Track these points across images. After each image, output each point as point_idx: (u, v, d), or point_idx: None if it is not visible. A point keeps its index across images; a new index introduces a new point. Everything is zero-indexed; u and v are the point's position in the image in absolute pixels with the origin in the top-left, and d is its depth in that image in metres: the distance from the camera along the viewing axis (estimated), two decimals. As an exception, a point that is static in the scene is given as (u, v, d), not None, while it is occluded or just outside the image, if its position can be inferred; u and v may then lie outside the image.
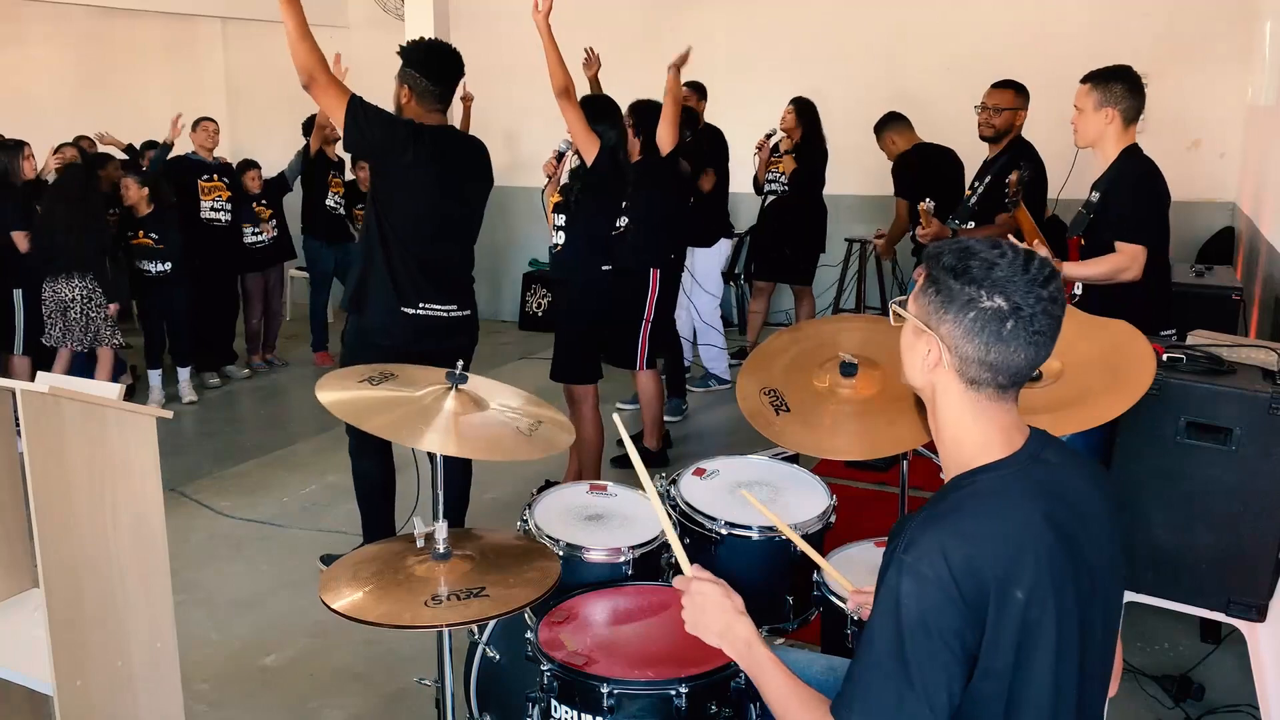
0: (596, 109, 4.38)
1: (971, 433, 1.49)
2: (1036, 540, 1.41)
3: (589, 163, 4.26)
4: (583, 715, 2.01)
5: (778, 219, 6.39)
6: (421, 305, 3.58)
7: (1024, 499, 1.44)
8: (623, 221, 4.63)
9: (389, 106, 3.65)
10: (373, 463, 3.90)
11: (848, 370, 2.44)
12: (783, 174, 6.38)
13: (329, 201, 7.10)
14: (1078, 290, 3.52)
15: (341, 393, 2.23)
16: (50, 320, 5.69)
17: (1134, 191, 3.40)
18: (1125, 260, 3.30)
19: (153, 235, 6.23)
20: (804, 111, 6.31)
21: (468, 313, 3.76)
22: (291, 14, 3.24)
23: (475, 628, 2.38)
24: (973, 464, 1.49)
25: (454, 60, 3.64)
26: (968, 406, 1.49)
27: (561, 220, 4.42)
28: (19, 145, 5.84)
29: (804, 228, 6.46)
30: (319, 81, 3.32)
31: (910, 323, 1.52)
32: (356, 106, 3.37)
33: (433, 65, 3.57)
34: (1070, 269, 3.37)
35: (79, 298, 5.70)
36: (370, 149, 3.53)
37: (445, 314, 3.66)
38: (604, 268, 4.42)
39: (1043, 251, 3.37)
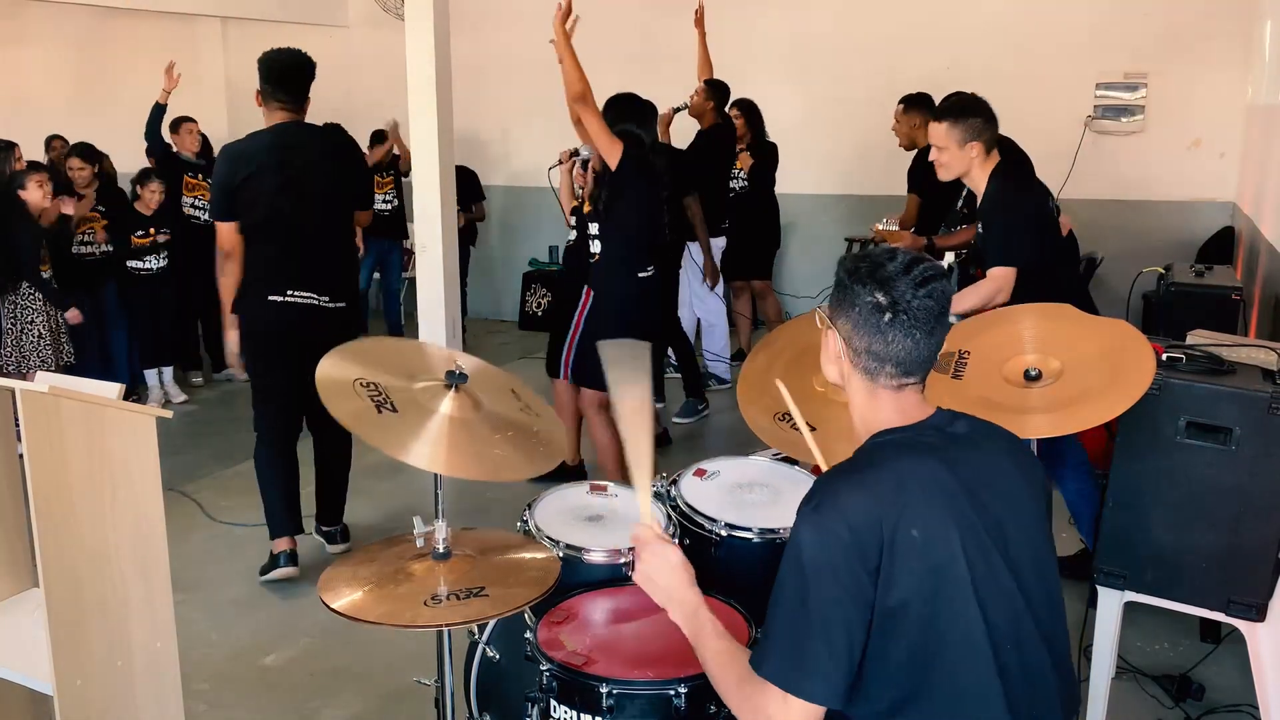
0: (626, 109, 4.31)
1: (876, 415, 1.64)
2: (930, 486, 1.51)
3: (613, 167, 4.15)
4: (582, 715, 2.01)
5: (740, 215, 6.42)
6: (290, 293, 3.78)
7: (916, 451, 1.56)
8: None
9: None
10: (270, 451, 4.01)
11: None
12: (741, 170, 6.43)
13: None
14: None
15: (340, 373, 2.19)
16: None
17: (998, 216, 3.46)
18: (993, 286, 3.36)
19: (165, 231, 6.29)
20: (749, 112, 6.40)
21: (343, 305, 3.92)
22: None
23: (475, 627, 2.38)
24: (874, 431, 1.63)
25: (289, 62, 3.83)
26: (869, 394, 1.64)
27: (595, 229, 4.31)
28: (10, 146, 5.84)
29: (763, 223, 6.53)
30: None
31: (823, 322, 1.70)
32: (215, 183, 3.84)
33: (270, 69, 3.82)
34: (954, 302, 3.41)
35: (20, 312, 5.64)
36: (235, 189, 3.79)
37: (316, 303, 3.83)
38: (640, 275, 4.31)
39: None
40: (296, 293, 3.79)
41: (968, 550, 1.49)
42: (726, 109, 6.28)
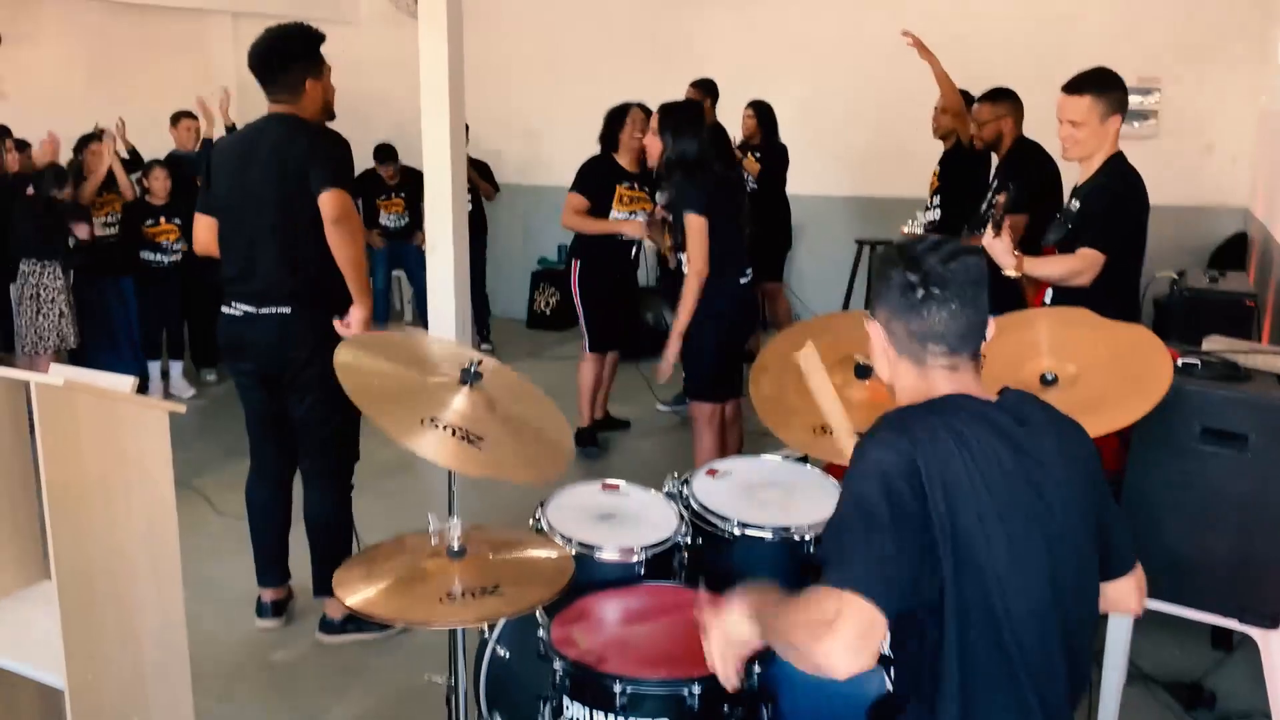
0: (684, 123, 4.20)
1: (933, 392, 1.62)
2: (988, 457, 1.52)
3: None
4: (594, 713, 2.01)
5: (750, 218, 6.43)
6: (234, 304, 3.41)
7: (979, 422, 1.56)
8: None
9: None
10: (253, 477, 3.72)
11: (862, 372, 2.43)
12: (749, 175, 6.45)
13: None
14: (1047, 299, 3.48)
15: (356, 358, 2.20)
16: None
17: (1113, 201, 3.30)
18: (1081, 264, 3.22)
19: (176, 220, 6.30)
20: (763, 114, 6.41)
21: (286, 310, 3.35)
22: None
23: (485, 626, 2.38)
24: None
25: (257, 43, 3.37)
26: (920, 378, 1.63)
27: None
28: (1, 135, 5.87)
29: (773, 224, 6.53)
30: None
31: (867, 319, 1.69)
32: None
33: (252, 56, 3.38)
34: (1030, 264, 3.33)
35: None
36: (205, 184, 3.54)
37: (253, 312, 3.38)
38: (741, 280, 4.22)
39: (1002, 243, 3.32)
40: (238, 304, 3.40)
41: (1008, 529, 1.51)
42: (744, 110, 6.30)
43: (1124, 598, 1.75)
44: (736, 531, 2.45)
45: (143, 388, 6.25)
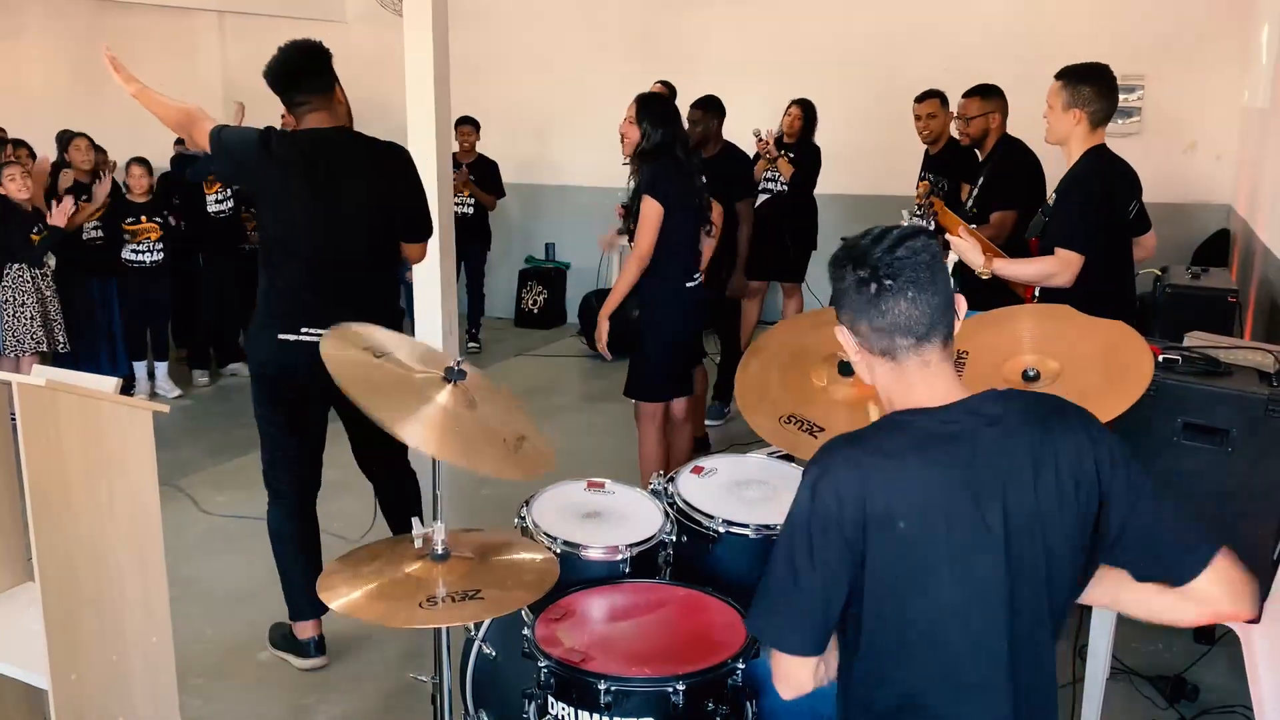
0: (660, 114, 4.15)
1: (907, 396, 1.56)
2: (929, 483, 1.48)
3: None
4: (579, 712, 2.01)
5: (774, 218, 6.39)
6: (303, 331, 3.13)
7: (928, 442, 1.50)
8: None
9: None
10: (281, 510, 3.43)
11: (845, 370, 2.44)
12: (780, 175, 6.43)
13: None
14: (1036, 292, 3.49)
15: (344, 353, 2.22)
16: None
17: (1084, 199, 3.33)
18: (1057, 266, 3.26)
19: (156, 220, 6.27)
20: (808, 113, 6.41)
21: None
22: (151, 105, 3.35)
23: (472, 624, 2.38)
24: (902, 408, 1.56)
25: (294, 59, 3.26)
26: (897, 377, 1.55)
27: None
28: None
29: (801, 226, 6.51)
30: (194, 124, 3.30)
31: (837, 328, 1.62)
32: (214, 138, 3.24)
33: (275, 72, 3.26)
34: (1000, 265, 3.35)
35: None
36: (236, 175, 3.44)
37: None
38: (687, 285, 4.15)
39: (968, 241, 3.38)
40: (311, 330, 3.05)
41: (953, 549, 1.47)
42: (789, 106, 6.32)
43: (1208, 600, 1.63)
44: (721, 529, 2.46)
45: (129, 388, 6.26)
